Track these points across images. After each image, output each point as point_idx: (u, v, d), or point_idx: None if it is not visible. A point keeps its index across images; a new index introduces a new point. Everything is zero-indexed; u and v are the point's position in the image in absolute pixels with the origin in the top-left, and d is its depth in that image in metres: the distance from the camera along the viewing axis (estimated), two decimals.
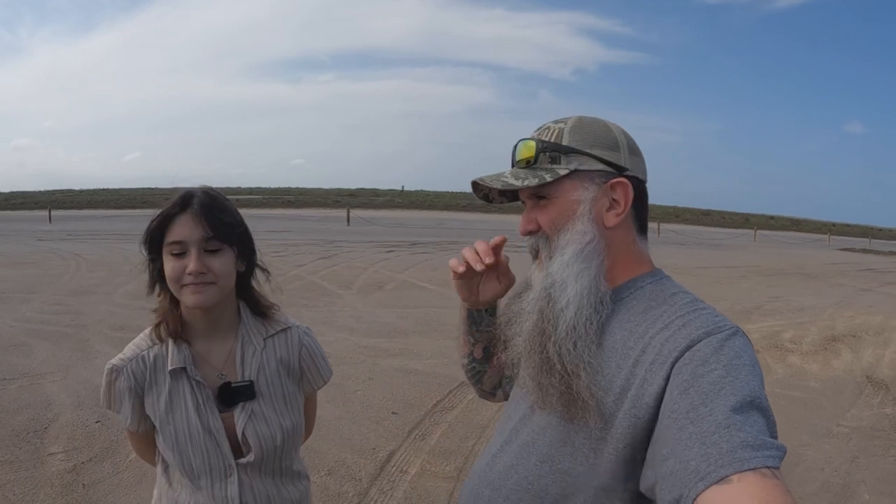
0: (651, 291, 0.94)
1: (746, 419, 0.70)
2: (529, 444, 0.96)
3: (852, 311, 9.64)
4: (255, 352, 1.36)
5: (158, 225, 1.25)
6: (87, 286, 9.19)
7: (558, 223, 0.94)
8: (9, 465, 3.39)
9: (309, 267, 11.85)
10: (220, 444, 1.30)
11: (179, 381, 1.29)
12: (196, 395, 1.29)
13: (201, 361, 1.32)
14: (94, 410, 4.21)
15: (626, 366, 0.85)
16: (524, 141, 0.98)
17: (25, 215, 33.74)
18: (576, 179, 0.94)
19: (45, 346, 5.78)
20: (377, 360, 5.77)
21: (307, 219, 28.87)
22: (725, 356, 0.78)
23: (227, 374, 1.34)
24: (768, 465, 0.65)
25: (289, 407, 1.39)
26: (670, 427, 0.75)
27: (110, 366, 1.30)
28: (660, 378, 0.80)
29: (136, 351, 1.31)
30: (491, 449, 1.05)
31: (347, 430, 4.09)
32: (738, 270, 15.91)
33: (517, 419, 1.02)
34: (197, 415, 1.29)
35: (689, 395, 0.75)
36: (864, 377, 5.89)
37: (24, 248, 14.95)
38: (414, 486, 3.39)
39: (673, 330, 0.84)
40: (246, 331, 1.37)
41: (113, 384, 1.30)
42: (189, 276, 1.22)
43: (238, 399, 1.32)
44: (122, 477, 3.33)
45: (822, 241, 39.57)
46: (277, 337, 1.41)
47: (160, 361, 1.30)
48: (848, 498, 3.47)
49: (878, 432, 4.48)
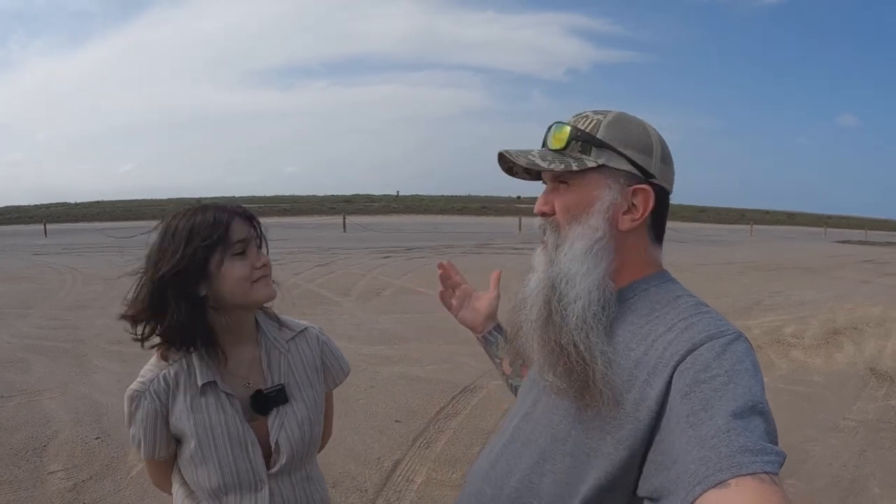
0: (655, 294, 0.94)
1: (747, 424, 0.69)
2: (531, 442, 0.95)
3: (852, 304, 9.65)
4: (280, 356, 1.38)
5: (216, 231, 1.23)
6: (84, 300, 9.14)
7: (573, 212, 0.94)
8: (8, 485, 3.34)
9: (306, 275, 11.88)
10: (253, 456, 1.29)
11: (207, 396, 1.28)
12: (226, 408, 1.28)
13: (226, 373, 1.31)
14: (93, 427, 4.16)
15: (627, 367, 0.85)
16: (559, 125, 0.98)
17: (21, 229, 33.61)
18: (602, 175, 0.93)
19: (42, 362, 5.74)
20: (378, 368, 5.73)
21: (303, 226, 28.87)
22: (727, 361, 0.77)
23: (254, 382, 1.34)
24: (767, 470, 0.65)
25: (317, 406, 1.42)
26: (672, 432, 0.75)
27: (131, 392, 1.26)
28: (661, 382, 0.80)
29: (155, 371, 1.28)
30: (494, 447, 1.05)
31: (351, 441, 4.04)
32: (736, 266, 15.95)
33: (520, 417, 1.02)
34: (227, 428, 1.27)
35: (690, 400, 0.75)
36: (867, 369, 5.89)
37: (19, 262, 14.87)
38: (421, 495, 3.35)
39: (675, 333, 0.84)
40: (266, 337, 1.39)
41: (136, 412, 1.26)
42: (259, 271, 1.27)
43: (271, 405, 1.32)
44: (124, 494, 3.29)
45: (819, 233, 39.68)
46: (298, 339, 1.44)
47: (182, 378, 1.27)
48: (858, 492, 3.45)
49: (885, 424, 4.47)
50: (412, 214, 53.92)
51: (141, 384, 1.26)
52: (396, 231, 28.77)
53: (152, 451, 1.28)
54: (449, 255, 16.63)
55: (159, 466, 1.35)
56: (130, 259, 1.32)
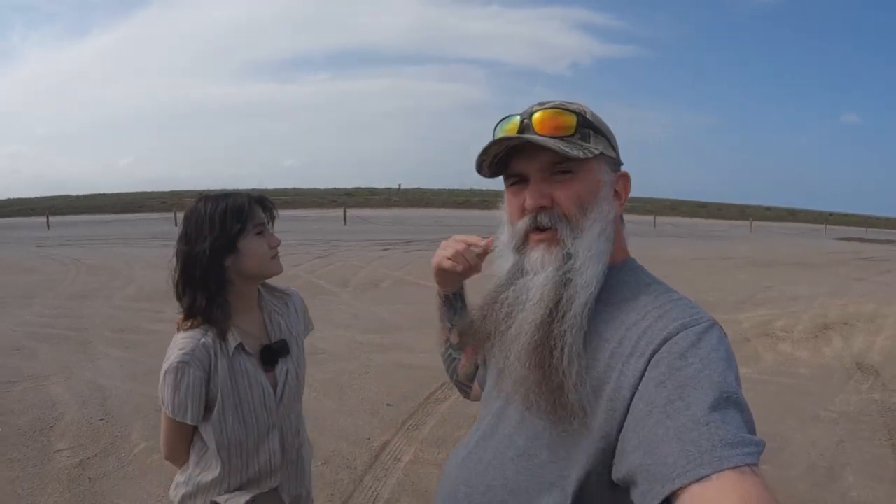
0: (626, 282, 0.94)
1: (724, 416, 0.70)
2: (506, 439, 0.95)
3: (845, 300, 9.71)
4: (279, 317, 1.63)
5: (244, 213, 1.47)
6: (87, 290, 9.28)
7: (583, 201, 0.92)
8: (17, 463, 3.49)
9: (306, 266, 12.00)
10: (269, 403, 1.52)
11: (239, 357, 1.48)
12: (251, 365, 1.50)
13: (244, 334, 1.52)
14: (98, 409, 4.31)
15: (602, 358, 0.85)
16: (558, 110, 0.93)
17: (23, 222, 33.61)
18: (599, 162, 0.94)
19: (47, 349, 5.86)
20: (372, 355, 5.87)
21: (304, 219, 28.87)
22: (702, 350, 0.78)
23: (263, 340, 1.57)
24: (747, 462, 0.65)
25: (304, 355, 1.68)
26: (645, 420, 0.75)
27: (176, 363, 1.40)
28: (637, 371, 0.80)
29: (193, 343, 1.43)
30: (467, 445, 1.04)
31: (343, 422, 4.19)
32: (733, 261, 16.00)
33: (492, 414, 1.01)
34: (254, 382, 1.50)
35: (666, 389, 0.75)
36: (853, 364, 5.97)
37: (22, 254, 14.99)
38: (407, 473, 3.49)
39: (650, 321, 0.85)
40: (266, 301, 1.62)
41: (181, 381, 1.41)
42: (273, 249, 1.52)
43: (277, 357, 1.56)
44: (127, 470, 3.43)
45: (819, 231, 39.61)
46: (289, 301, 1.71)
47: (216, 344, 1.45)
48: (833, 480, 3.55)
49: (865, 417, 4.56)
50: (414, 207, 53.75)
51: (184, 354, 1.41)
52: (397, 224, 28.80)
53: (197, 415, 1.44)
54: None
55: (187, 434, 1.52)
56: (136, 251, 1.46)
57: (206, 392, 1.44)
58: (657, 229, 31.00)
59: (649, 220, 35.26)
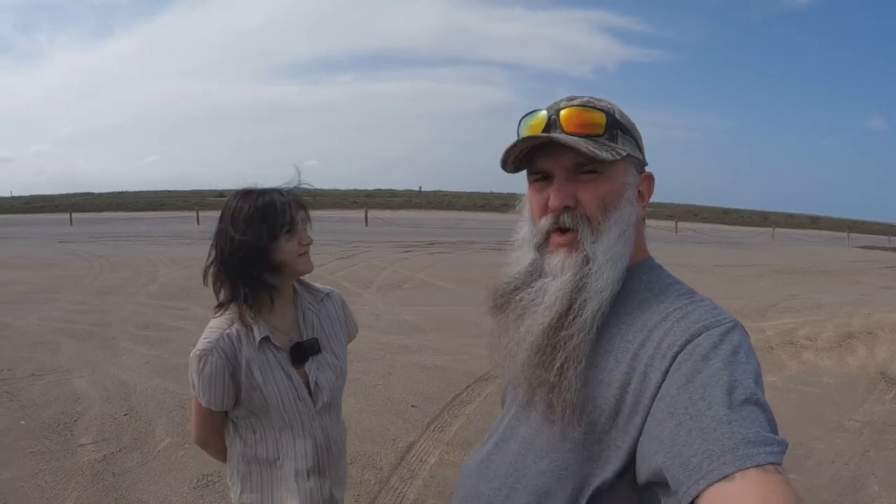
0: (647, 282, 0.93)
1: (747, 415, 0.70)
2: (527, 440, 0.95)
3: (870, 309, 9.54)
4: (313, 315, 1.64)
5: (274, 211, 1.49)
6: (111, 287, 9.38)
7: (608, 203, 0.90)
8: (41, 456, 3.54)
9: (329, 266, 12.02)
10: (304, 396, 1.55)
11: (264, 350, 1.51)
12: (279, 359, 1.53)
13: (274, 329, 1.55)
14: (122, 404, 4.36)
15: (624, 360, 0.85)
16: (586, 108, 0.92)
17: (46, 218, 34.10)
18: (626, 163, 0.93)
19: (71, 344, 5.94)
20: (396, 356, 5.88)
21: (325, 220, 28.98)
22: (725, 351, 0.77)
23: (293, 337, 1.59)
24: (771, 461, 0.65)
25: (343, 355, 1.70)
26: (667, 421, 0.75)
27: (199, 352, 1.46)
28: (660, 372, 0.80)
29: (218, 333, 1.48)
30: (486, 446, 1.05)
31: (368, 423, 4.20)
32: (755, 269, 15.82)
33: (511, 416, 1.01)
34: (284, 374, 1.52)
35: (689, 390, 0.74)
36: (878, 373, 5.88)
37: (46, 250, 15.22)
38: (433, 474, 3.49)
39: (671, 322, 0.84)
40: (301, 299, 1.65)
41: (204, 368, 1.45)
42: (304, 247, 1.54)
43: (308, 354, 1.58)
44: (151, 466, 3.46)
45: (842, 238, 39.13)
46: (325, 300, 1.72)
47: (243, 336, 1.49)
48: (857, 490, 3.50)
49: (890, 426, 4.49)
50: (434, 210, 53.76)
51: (207, 343, 1.46)
52: (418, 226, 28.80)
53: (220, 402, 1.48)
54: (470, 251, 16.70)
55: (214, 420, 1.56)
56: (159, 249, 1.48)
57: (234, 381, 1.47)
58: (679, 235, 30.75)
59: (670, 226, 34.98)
